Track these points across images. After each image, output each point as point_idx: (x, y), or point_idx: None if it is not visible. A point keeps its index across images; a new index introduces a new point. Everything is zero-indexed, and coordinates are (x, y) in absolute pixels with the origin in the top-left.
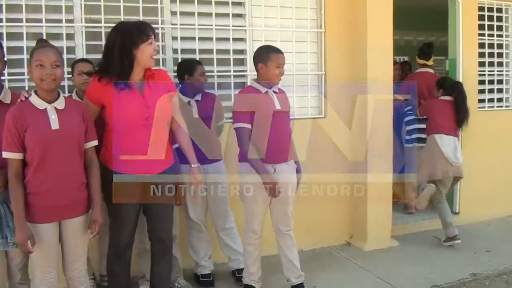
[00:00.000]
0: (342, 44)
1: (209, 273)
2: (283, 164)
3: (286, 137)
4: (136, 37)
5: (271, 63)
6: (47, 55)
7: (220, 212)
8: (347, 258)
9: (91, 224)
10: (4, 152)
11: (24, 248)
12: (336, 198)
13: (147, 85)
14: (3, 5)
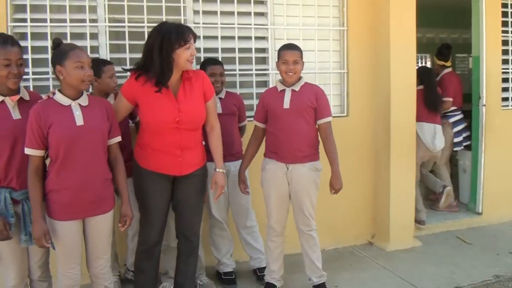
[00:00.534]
0: (365, 42)
1: (231, 271)
2: (298, 165)
3: (301, 138)
4: (174, 41)
5: (279, 60)
6: (84, 56)
7: (241, 210)
8: (369, 258)
9: (121, 218)
10: (26, 149)
11: (40, 243)
12: (359, 197)
13: (182, 88)
14: (28, 6)
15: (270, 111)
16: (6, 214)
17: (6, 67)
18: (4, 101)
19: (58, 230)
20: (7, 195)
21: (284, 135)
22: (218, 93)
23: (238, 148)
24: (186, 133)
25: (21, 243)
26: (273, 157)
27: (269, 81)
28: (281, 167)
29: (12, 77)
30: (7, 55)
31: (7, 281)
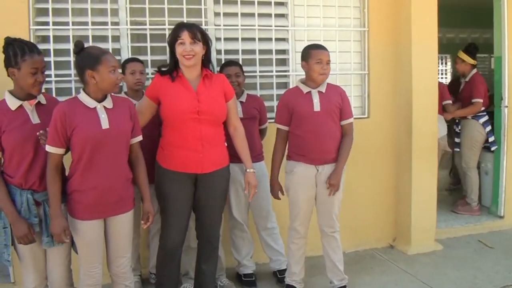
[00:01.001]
0: (386, 43)
1: (251, 272)
2: (327, 166)
3: (330, 139)
4: (171, 36)
5: (312, 60)
6: (115, 60)
7: (262, 211)
8: (390, 261)
9: (144, 215)
10: (47, 146)
11: (59, 238)
12: (380, 200)
13: (202, 83)
14: (50, 9)
15: (297, 113)
16: (29, 215)
17: (33, 75)
18: (23, 105)
19: (81, 229)
20: (30, 196)
21: (314, 137)
22: (238, 96)
23: (259, 150)
24: (207, 127)
25: (43, 244)
26: (301, 159)
27: (289, 83)
28: (311, 170)
29: (37, 85)
30: (34, 64)
31: (27, 282)
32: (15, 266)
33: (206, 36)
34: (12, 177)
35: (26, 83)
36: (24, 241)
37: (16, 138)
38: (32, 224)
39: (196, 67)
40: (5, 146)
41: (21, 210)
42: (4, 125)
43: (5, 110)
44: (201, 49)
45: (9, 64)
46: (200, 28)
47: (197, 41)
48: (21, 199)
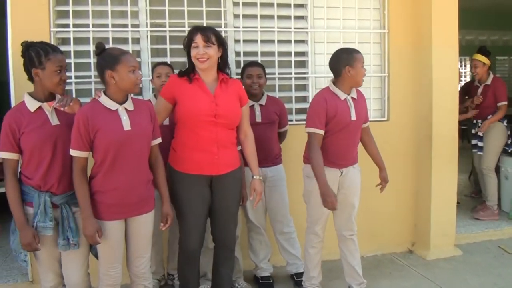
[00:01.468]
0: (406, 45)
1: (269, 275)
2: (349, 168)
3: (356, 144)
4: (188, 39)
5: (358, 63)
6: (135, 60)
7: (278, 215)
8: (409, 266)
9: (162, 217)
10: (72, 150)
11: (93, 240)
12: (399, 204)
13: (219, 87)
14: (70, 11)
15: (336, 121)
16: (44, 218)
17: (58, 73)
18: (42, 107)
19: (103, 230)
20: (47, 198)
21: (345, 146)
22: (258, 98)
23: (276, 154)
24: (222, 130)
25: (58, 247)
26: (326, 164)
27: (308, 85)
28: (336, 173)
29: (62, 83)
30: (59, 62)
31: (45, 282)
32: (33, 265)
33: (221, 39)
34: (31, 178)
35: (51, 82)
36: (28, 248)
37: (35, 139)
38: (45, 227)
39: (211, 70)
40: (24, 147)
41: (37, 212)
42: (23, 126)
43: (24, 112)
44: (215, 52)
45: (32, 66)
46: (215, 31)
47: (210, 44)
48: (39, 201)
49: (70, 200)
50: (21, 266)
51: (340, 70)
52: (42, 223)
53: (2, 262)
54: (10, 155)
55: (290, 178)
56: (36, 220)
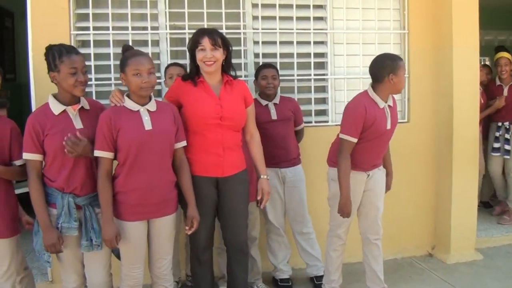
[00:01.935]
0: (426, 45)
1: (288, 277)
2: (375, 170)
3: (386, 149)
4: (192, 43)
5: (402, 72)
6: (143, 63)
7: (298, 216)
8: (429, 270)
9: (188, 220)
10: (96, 151)
11: (111, 244)
12: (419, 206)
13: (223, 89)
14: (90, 14)
15: (374, 130)
16: (69, 218)
17: (73, 75)
18: (66, 110)
19: (124, 230)
20: (71, 199)
21: (378, 151)
22: (272, 97)
23: (294, 154)
24: (228, 132)
25: (81, 248)
26: (354, 168)
27: (328, 86)
28: (362, 176)
29: (78, 85)
30: (73, 64)
31: (68, 283)
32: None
33: (226, 42)
34: (53, 181)
35: (67, 84)
36: (51, 250)
37: (58, 142)
38: (70, 227)
39: (217, 73)
40: (47, 150)
41: (61, 213)
42: (47, 128)
43: (48, 114)
44: (221, 55)
45: (49, 69)
46: (221, 33)
47: (217, 47)
48: (62, 202)
49: (93, 201)
50: (40, 266)
51: (382, 77)
52: (66, 224)
53: None
54: (34, 156)
55: (308, 179)
56: (60, 221)
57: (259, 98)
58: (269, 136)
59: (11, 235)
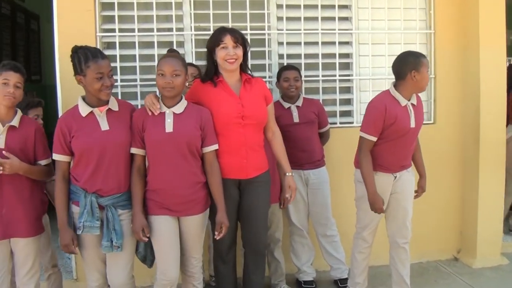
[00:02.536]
0: (453, 45)
1: (312, 280)
2: (403, 172)
3: (412, 149)
4: (212, 41)
5: (424, 69)
6: (168, 64)
7: (322, 218)
8: (455, 274)
9: (216, 226)
10: (132, 148)
11: (139, 236)
12: (445, 209)
13: (243, 88)
14: (116, 16)
15: (396, 128)
16: (91, 218)
17: (99, 80)
18: (93, 112)
19: (155, 225)
20: (93, 199)
21: (403, 151)
22: (294, 100)
23: (318, 156)
24: (250, 132)
25: (102, 248)
26: (379, 169)
27: (353, 87)
28: (389, 178)
29: (104, 89)
30: (99, 69)
31: (91, 281)
32: (78, 263)
33: (245, 40)
34: (78, 180)
35: (93, 88)
36: (65, 250)
37: (83, 144)
38: (92, 226)
39: (236, 72)
40: (74, 151)
41: (83, 212)
42: (73, 130)
43: (76, 116)
44: (241, 53)
45: (75, 72)
46: (240, 32)
47: (239, 45)
48: (85, 201)
49: (116, 202)
50: (65, 264)
51: (404, 74)
52: (89, 223)
53: None
54: (61, 157)
55: (333, 181)
56: (83, 220)
57: (282, 100)
58: (291, 139)
59: (35, 234)
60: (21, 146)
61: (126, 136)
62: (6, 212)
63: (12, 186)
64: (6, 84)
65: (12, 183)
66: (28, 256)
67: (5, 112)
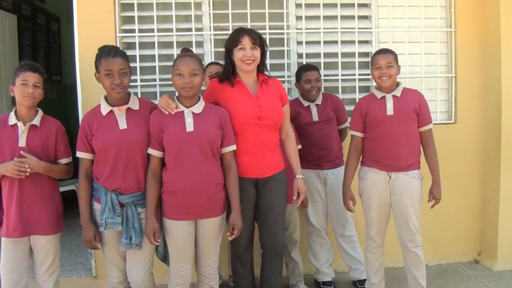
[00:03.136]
0: (474, 44)
1: (330, 280)
2: (400, 174)
3: (404, 144)
4: (229, 41)
5: (373, 66)
6: (186, 64)
7: (339, 218)
8: (475, 277)
9: (229, 227)
10: (149, 149)
11: (149, 240)
12: (465, 210)
13: (260, 88)
14: (135, 17)
15: (370, 118)
16: (113, 214)
17: (109, 77)
18: (113, 111)
19: (170, 229)
20: (114, 196)
21: (388, 143)
22: (314, 99)
23: (337, 155)
24: (266, 132)
25: (121, 246)
26: (374, 165)
27: (373, 86)
28: (383, 176)
29: (115, 88)
30: (108, 66)
31: (111, 277)
32: (97, 261)
33: (263, 41)
34: (99, 179)
35: (104, 86)
36: (88, 245)
37: (101, 142)
38: (114, 222)
39: (253, 72)
40: (94, 148)
41: (105, 209)
42: (94, 128)
43: (97, 115)
44: (259, 55)
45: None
46: (258, 33)
47: (257, 46)
48: (106, 198)
49: (136, 201)
50: (85, 261)
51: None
52: (111, 219)
53: (66, 257)
54: (83, 154)
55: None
56: (105, 217)
57: (301, 98)
58: (310, 138)
59: (55, 232)
60: (42, 145)
61: (143, 135)
62: (26, 210)
63: (32, 184)
64: (25, 85)
65: (32, 181)
66: (48, 254)
67: (26, 112)
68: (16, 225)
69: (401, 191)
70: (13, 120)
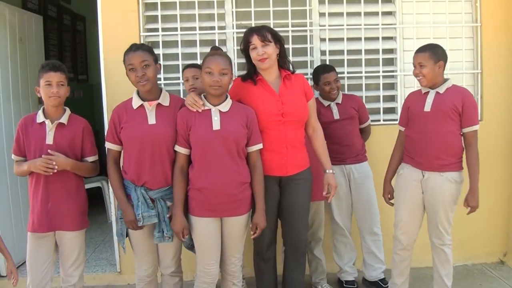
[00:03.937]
0: (500, 39)
1: (353, 280)
2: (434, 174)
3: (440, 143)
4: (243, 44)
5: None
6: (216, 63)
7: (366, 214)
8: (500, 278)
9: (252, 226)
10: (175, 146)
11: (178, 236)
12: (492, 211)
13: (283, 84)
14: (159, 16)
15: (410, 113)
16: (146, 208)
17: (133, 71)
18: (143, 105)
19: (196, 226)
20: (143, 191)
21: (423, 139)
22: (335, 98)
23: (360, 150)
24: (290, 129)
25: (154, 239)
26: (409, 162)
27: (397, 83)
28: (417, 174)
29: (140, 80)
30: (129, 60)
31: (139, 271)
32: (122, 256)
33: (277, 36)
34: (126, 173)
35: (131, 81)
36: (130, 226)
37: (129, 135)
38: (150, 215)
39: (273, 69)
40: (122, 140)
41: (138, 204)
42: (123, 121)
43: (128, 108)
44: (273, 50)
45: None
46: (270, 28)
47: (267, 42)
48: (136, 194)
49: (165, 195)
50: (109, 257)
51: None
52: (147, 213)
53: (91, 253)
54: (111, 145)
55: (377, 179)
56: (140, 211)
57: (321, 98)
58: (332, 135)
59: (80, 228)
60: (69, 142)
61: (170, 131)
62: (52, 206)
63: (58, 181)
64: (50, 85)
65: (58, 178)
66: (73, 249)
67: (54, 111)
68: (41, 220)
69: (432, 192)
70: (41, 118)
